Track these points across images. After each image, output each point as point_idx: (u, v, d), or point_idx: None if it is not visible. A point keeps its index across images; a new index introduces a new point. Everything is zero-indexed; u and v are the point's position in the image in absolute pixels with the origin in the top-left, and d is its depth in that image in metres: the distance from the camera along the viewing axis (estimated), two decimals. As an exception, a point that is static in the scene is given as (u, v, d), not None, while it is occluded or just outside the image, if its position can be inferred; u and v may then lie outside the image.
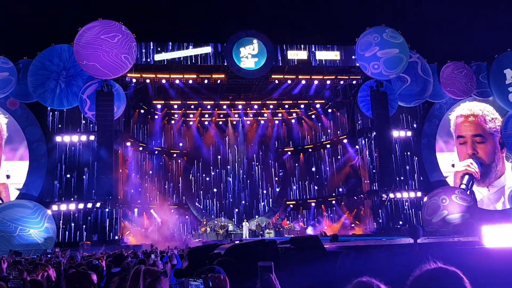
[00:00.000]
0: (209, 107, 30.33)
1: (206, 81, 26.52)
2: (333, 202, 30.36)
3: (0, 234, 21.83)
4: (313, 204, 31.24)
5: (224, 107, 30.49)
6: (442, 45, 28.35)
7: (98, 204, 23.50)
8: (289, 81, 27.38)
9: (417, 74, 26.25)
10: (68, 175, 24.51)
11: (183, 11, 32.87)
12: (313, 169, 32.04)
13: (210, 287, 2.22)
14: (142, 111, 28.83)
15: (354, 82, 27.29)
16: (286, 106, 31.00)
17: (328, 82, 27.68)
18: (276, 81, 27.22)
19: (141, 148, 28.84)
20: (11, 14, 24.46)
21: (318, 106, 30.87)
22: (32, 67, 23.62)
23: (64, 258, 9.85)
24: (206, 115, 31.44)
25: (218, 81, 26.70)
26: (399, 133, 26.65)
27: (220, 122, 32.37)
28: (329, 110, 30.68)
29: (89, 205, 23.51)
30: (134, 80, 25.72)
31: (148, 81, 26.08)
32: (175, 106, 29.81)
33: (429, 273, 1.86)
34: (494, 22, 32.97)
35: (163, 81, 26.38)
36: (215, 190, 31.82)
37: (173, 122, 31.46)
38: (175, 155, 31.91)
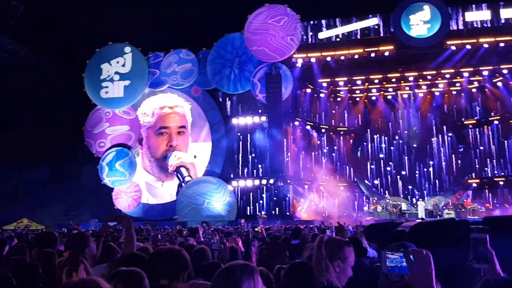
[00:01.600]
0: (376, 81, 29.00)
1: (373, 55, 25.49)
2: (528, 180, 26.20)
3: (192, 206, 25.07)
4: (501, 183, 27.47)
5: (393, 80, 28.77)
6: None
7: (271, 181, 25.07)
8: (468, 46, 24.43)
9: None
10: (244, 154, 26.75)
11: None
12: (502, 143, 28.05)
13: (412, 262, 2.11)
14: (308, 90, 29.24)
15: (555, 38, 22.83)
16: (466, 74, 27.63)
17: (519, 42, 23.83)
18: (453, 47, 24.56)
19: (308, 127, 29.40)
20: (189, 11, 27.32)
21: (505, 71, 26.71)
22: (210, 57, 26.10)
23: (248, 228, 10.70)
24: (374, 90, 30.16)
25: (386, 53, 25.36)
26: None
27: (389, 96, 30.66)
28: (520, 75, 26.32)
29: (264, 181, 25.30)
30: (300, 61, 26.22)
31: (313, 60, 26.29)
32: (341, 83, 29.39)
33: None
34: None
35: (328, 58, 26.22)
36: (385, 167, 30.54)
37: (339, 99, 31.10)
38: (342, 132, 31.62)
